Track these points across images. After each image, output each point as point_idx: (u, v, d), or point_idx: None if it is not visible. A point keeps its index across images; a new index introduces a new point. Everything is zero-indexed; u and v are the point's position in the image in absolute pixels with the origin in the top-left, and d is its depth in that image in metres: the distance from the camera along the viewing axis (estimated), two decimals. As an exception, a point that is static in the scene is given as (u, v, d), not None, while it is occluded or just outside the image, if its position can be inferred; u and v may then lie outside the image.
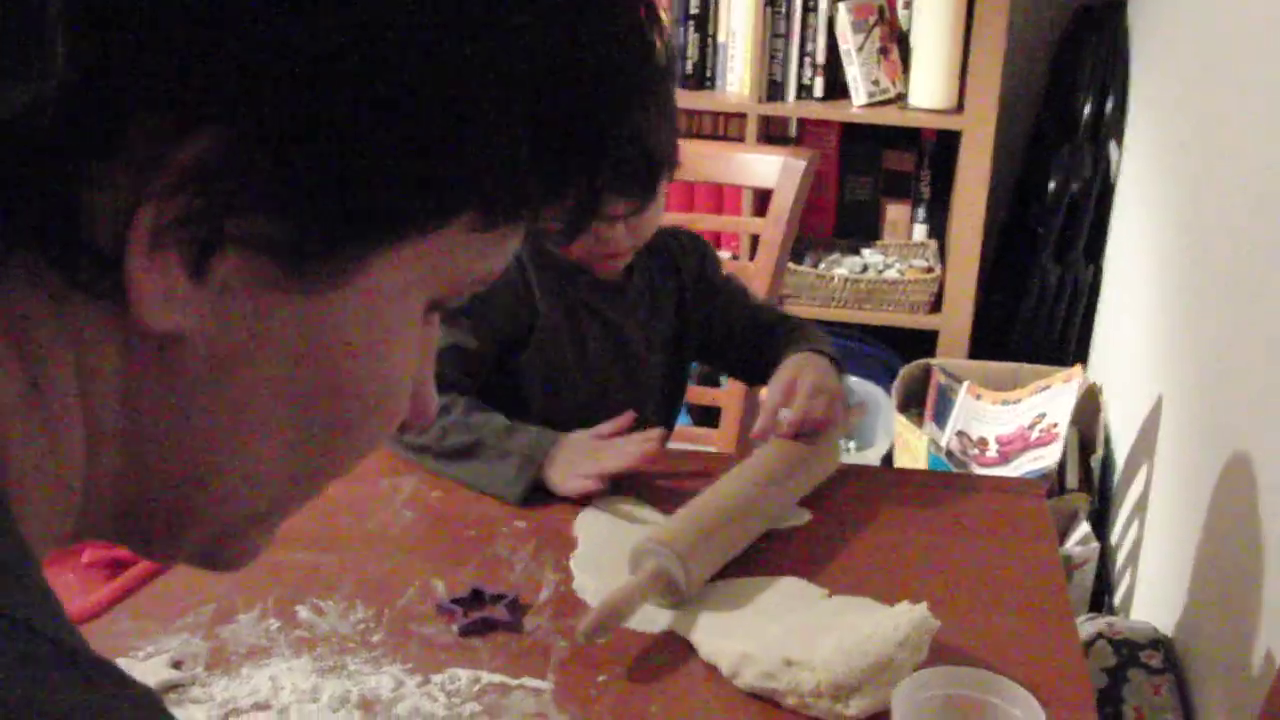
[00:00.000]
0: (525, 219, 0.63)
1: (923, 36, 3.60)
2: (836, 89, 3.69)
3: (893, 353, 3.79)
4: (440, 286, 0.63)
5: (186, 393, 0.58)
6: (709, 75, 3.75)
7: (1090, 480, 3.07)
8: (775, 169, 2.53)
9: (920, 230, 3.92)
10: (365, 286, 0.59)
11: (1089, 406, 3.17)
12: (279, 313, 0.57)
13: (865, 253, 3.86)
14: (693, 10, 3.69)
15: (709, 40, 3.72)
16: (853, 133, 3.85)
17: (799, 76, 3.68)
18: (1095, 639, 2.35)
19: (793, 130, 3.90)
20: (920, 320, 3.72)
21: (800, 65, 3.67)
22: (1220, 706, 2.13)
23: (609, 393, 2.04)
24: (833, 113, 3.72)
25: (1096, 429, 3.16)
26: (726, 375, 2.23)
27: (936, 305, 3.71)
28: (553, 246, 1.93)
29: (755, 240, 2.65)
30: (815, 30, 3.64)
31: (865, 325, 3.77)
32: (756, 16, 3.62)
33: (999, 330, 3.78)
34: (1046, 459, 2.97)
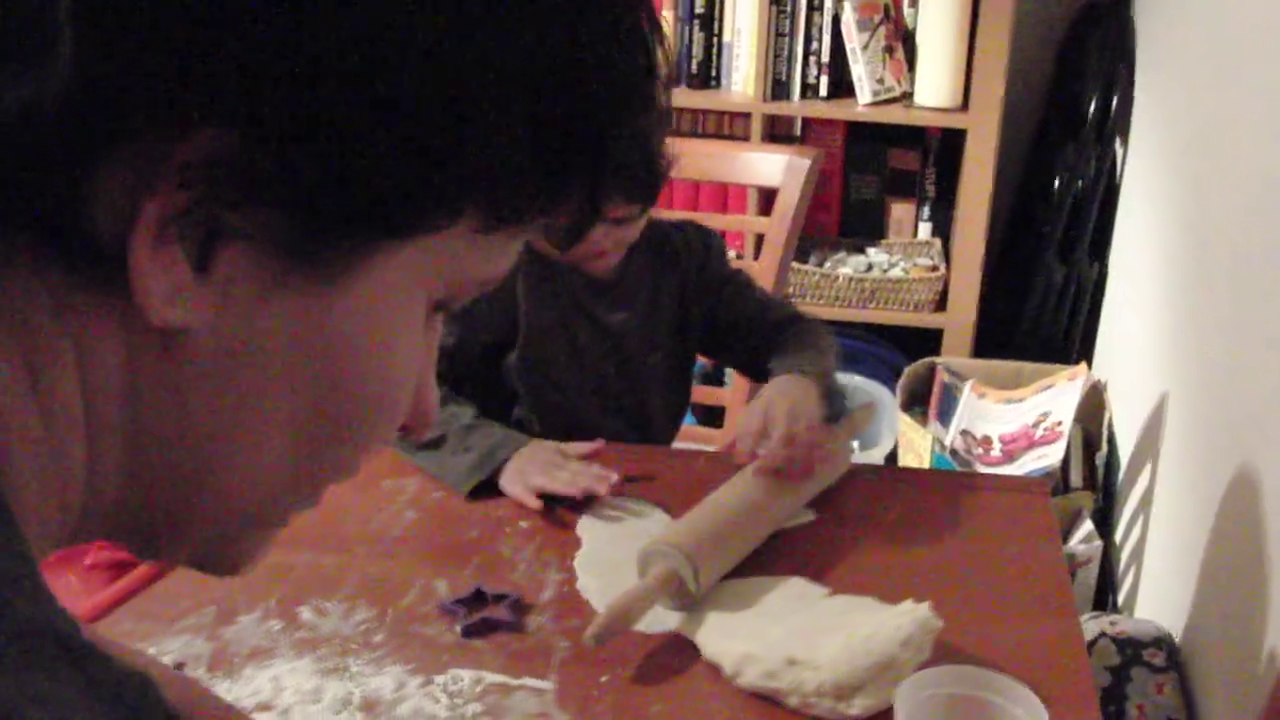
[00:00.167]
0: (527, 221, 0.63)
1: (928, 35, 3.60)
2: (841, 88, 3.68)
3: (897, 351, 3.79)
4: (443, 287, 0.63)
5: (189, 389, 0.58)
6: (714, 74, 3.74)
7: (1094, 479, 3.07)
8: (780, 168, 2.53)
9: (925, 229, 3.92)
10: (368, 285, 0.59)
11: (1093, 405, 3.17)
12: (282, 309, 0.57)
13: (870, 251, 3.86)
14: (698, 9, 3.69)
15: (714, 39, 3.72)
16: (858, 131, 3.85)
17: (804, 75, 3.67)
18: (1099, 638, 2.35)
19: (798, 129, 3.90)
20: (925, 319, 3.72)
21: (805, 64, 3.67)
22: (1224, 705, 2.13)
23: (606, 390, 2.04)
24: (838, 111, 3.72)
25: (1101, 427, 3.16)
26: (733, 369, 2.21)
27: (941, 304, 3.71)
28: (538, 246, 1.93)
29: (760, 239, 2.65)
30: (820, 29, 3.64)
31: (870, 324, 3.77)
32: (761, 15, 3.62)
33: (1003, 329, 3.77)
34: (1050, 457, 2.96)
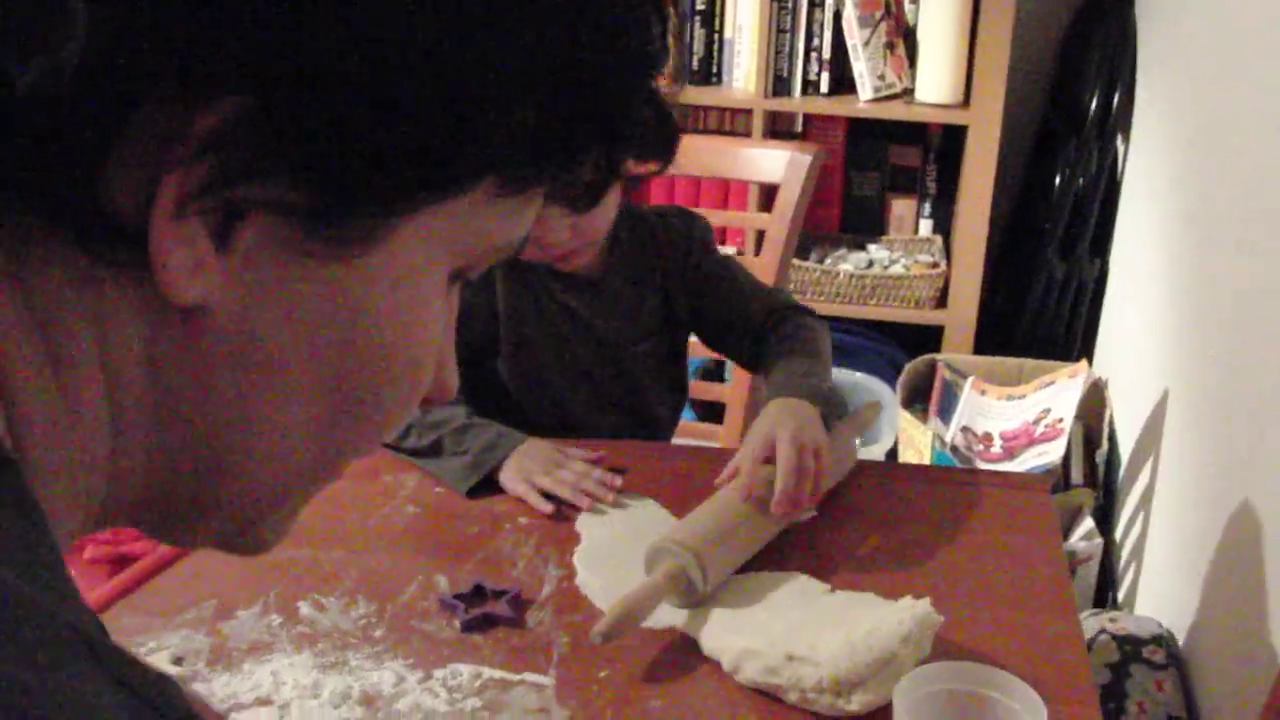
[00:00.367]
0: (545, 184, 0.63)
1: (929, 31, 3.59)
2: (843, 84, 3.68)
3: (898, 348, 3.79)
4: (463, 254, 0.62)
5: (212, 366, 0.57)
6: (715, 70, 3.74)
7: (1095, 476, 3.07)
8: (781, 164, 2.52)
9: (926, 225, 3.92)
10: (388, 254, 0.58)
11: (1094, 402, 3.17)
12: (303, 282, 0.57)
13: (871, 248, 3.86)
14: (699, 6, 3.69)
15: (715, 36, 3.72)
16: (859, 128, 3.85)
17: (805, 71, 3.67)
18: (1099, 634, 2.35)
19: (799, 125, 3.89)
20: (926, 315, 3.72)
21: (806, 60, 3.67)
22: (1224, 703, 2.13)
23: (595, 385, 2.03)
24: (839, 108, 3.72)
25: (1101, 424, 3.15)
26: (724, 357, 2.19)
27: (942, 301, 3.71)
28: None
29: (761, 236, 2.65)
30: (821, 25, 3.64)
31: (870, 321, 3.77)
32: (763, 11, 3.62)
33: (1004, 326, 3.77)
34: (1051, 454, 2.96)
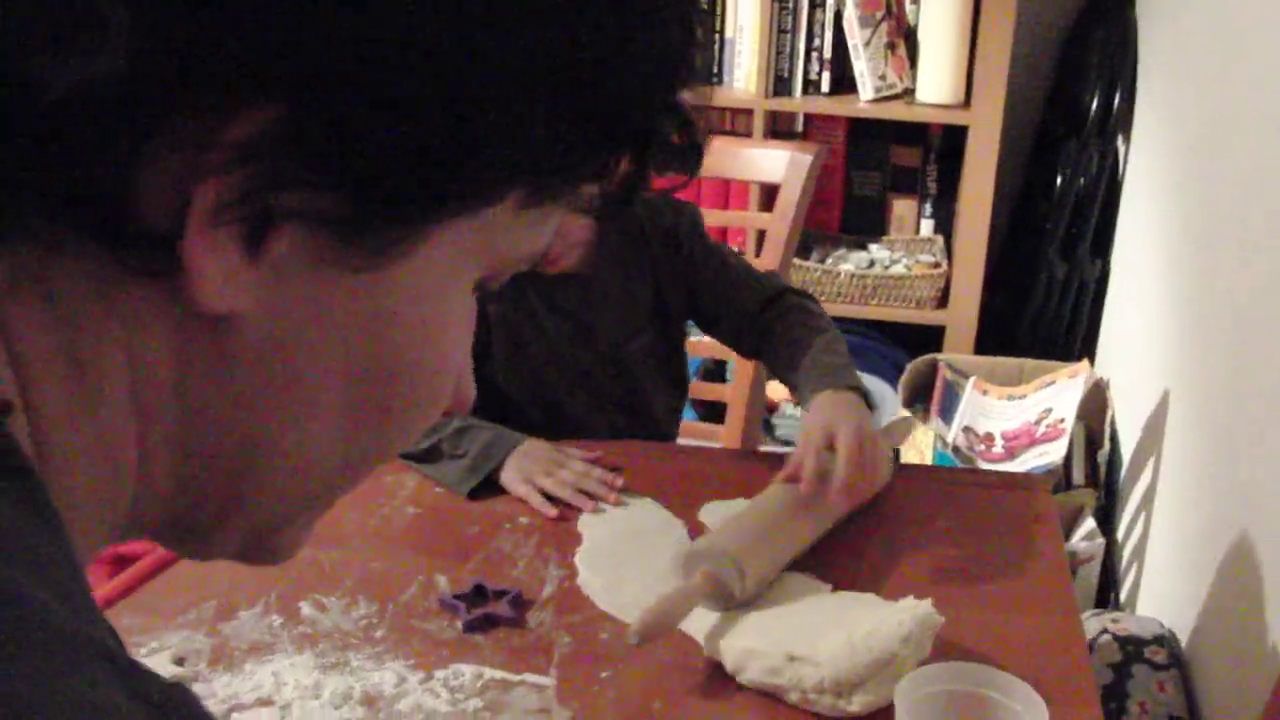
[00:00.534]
0: (571, 195, 0.63)
1: (930, 31, 3.59)
2: (843, 84, 3.68)
3: (899, 348, 3.78)
4: (488, 265, 0.62)
5: (240, 375, 0.57)
6: (716, 70, 3.74)
7: (1096, 476, 3.07)
8: (782, 164, 2.52)
9: (927, 225, 3.91)
10: (418, 266, 0.58)
11: (1095, 402, 3.17)
12: (334, 292, 0.57)
13: (872, 248, 3.86)
14: (700, 5, 3.68)
15: (716, 35, 3.72)
16: (860, 128, 3.85)
17: (806, 71, 3.67)
18: (1100, 635, 2.35)
19: (799, 125, 3.89)
20: (927, 316, 3.71)
21: (807, 60, 3.66)
22: (1226, 703, 2.13)
23: (593, 384, 2.02)
24: (840, 108, 3.71)
25: (1103, 425, 3.15)
26: (721, 344, 2.18)
27: (943, 301, 3.70)
28: None
29: (762, 235, 2.65)
30: (822, 25, 3.64)
31: (871, 321, 3.76)
32: (763, 11, 3.61)
33: (1005, 326, 3.77)
34: (1052, 454, 2.96)
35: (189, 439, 0.58)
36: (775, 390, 3.38)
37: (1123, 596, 2.85)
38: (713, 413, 2.91)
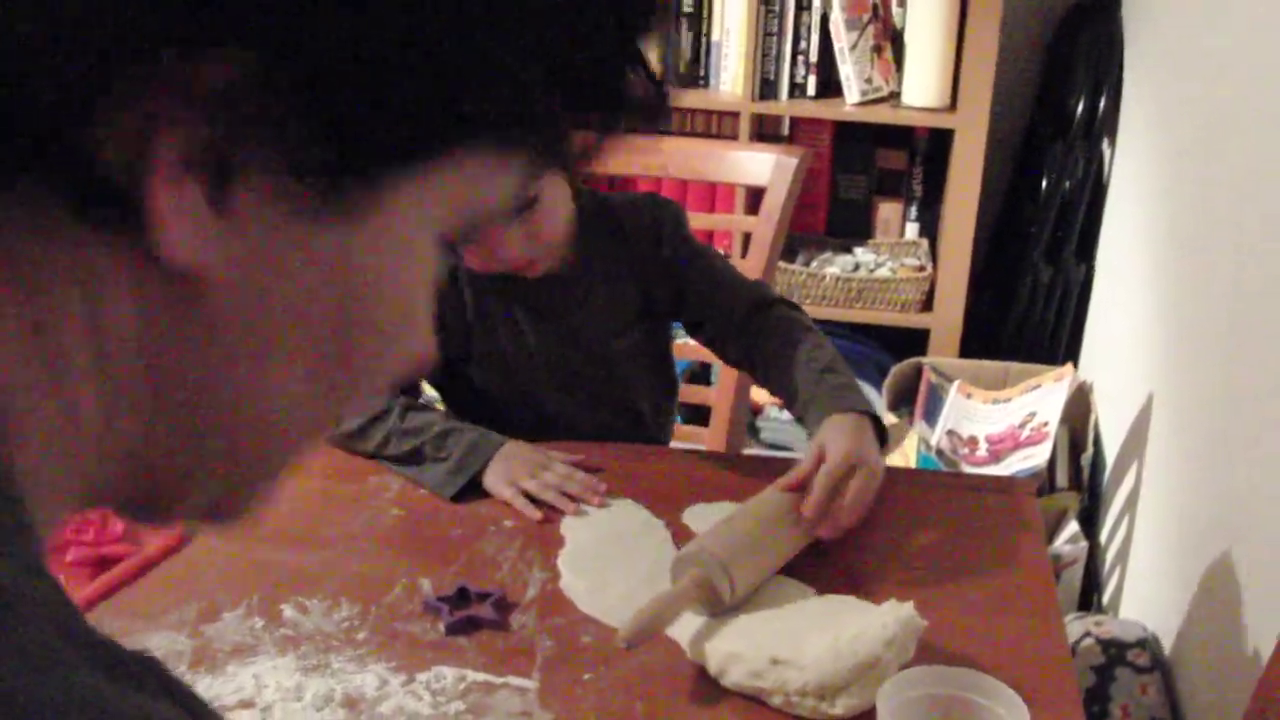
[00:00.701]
0: (538, 146, 0.62)
1: (916, 35, 3.60)
2: (830, 87, 3.68)
3: (884, 351, 3.79)
4: (454, 219, 0.62)
5: (206, 332, 0.56)
6: (702, 73, 3.74)
7: (1080, 479, 3.07)
8: (768, 167, 2.52)
9: (912, 229, 3.92)
10: (386, 217, 0.57)
11: (1079, 406, 3.17)
12: (301, 245, 0.56)
13: (857, 251, 3.86)
14: (686, 8, 3.69)
15: (702, 39, 3.72)
16: (845, 131, 3.85)
17: (792, 75, 3.67)
18: (1083, 638, 2.35)
19: (785, 129, 3.89)
20: (911, 319, 3.72)
21: (793, 63, 3.67)
22: (1208, 706, 2.13)
23: (578, 386, 2.02)
24: (825, 111, 3.72)
25: (1087, 428, 3.16)
26: (707, 349, 2.17)
27: (928, 304, 3.71)
28: (474, 265, 1.91)
29: (747, 238, 2.65)
30: (808, 28, 3.64)
31: (856, 324, 3.76)
32: (749, 14, 3.62)
33: (990, 329, 3.77)
34: (1036, 458, 2.97)
35: (154, 399, 0.57)
36: (760, 394, 3.38)
37: (1105, 600, 2.85)
38: (697, 415, 2.91)
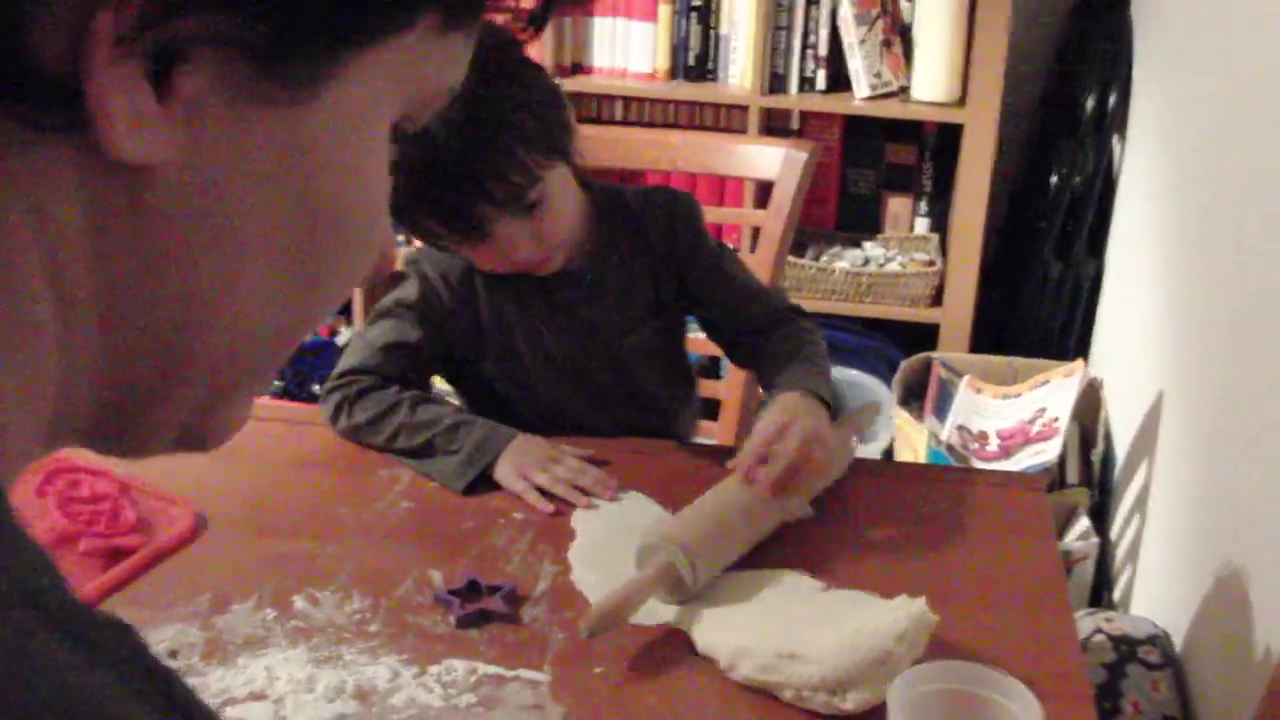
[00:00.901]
0: (484, 15, 0.61)
1: (926, 29, 3.59)
2: (839, 81, 3.68)
3: (894, 346, 3.78)
4: (407, 99, 0.60)
5: (161, 233, 0.54)
6: (711, 67, 3.74)
7: (1090, 475, 3.07)
8: (777, 161, 2.52)
9: (922, 224, 3.91)
10: (337, 96, 0.55)
11: (1090, 401, 3.17)
12: (253, 130, 0.54)
13: (866, 246, 3.85)
14: (695, 2, 3.68)
15: (711, 32, 3.71)
16: (855, 125, 3.85)
17: (801, 69, 3.67)
18: (1094, 634, 2.35)
19: (795, 123, 3.88)
20: (921, 314, 3.71)
21: (802, 57, 3.66)
22: (1219, 702, 2.13)
23: (592, 381, 2.01)
24: (835, 105, 3.71)
25: (1097, 424, 3.15)
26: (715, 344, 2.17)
27: (938, 299, 3.70)
28: (484, 263, 1.91)
29: (756, 232, 2.65)
30: (818, 22, 3.64)
31: (866, 318, 3.77)
32: (759, 8, 3.61)
33: (1000, 324, 3.77)
34: (1047, 453, 2.96)
35: (113, 314, 0.54)
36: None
37: (1116, 596, 2.85)
38: (707, 409, 2.90)
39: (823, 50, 3.65)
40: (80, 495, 1.70)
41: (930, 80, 3.58)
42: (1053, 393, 3.15)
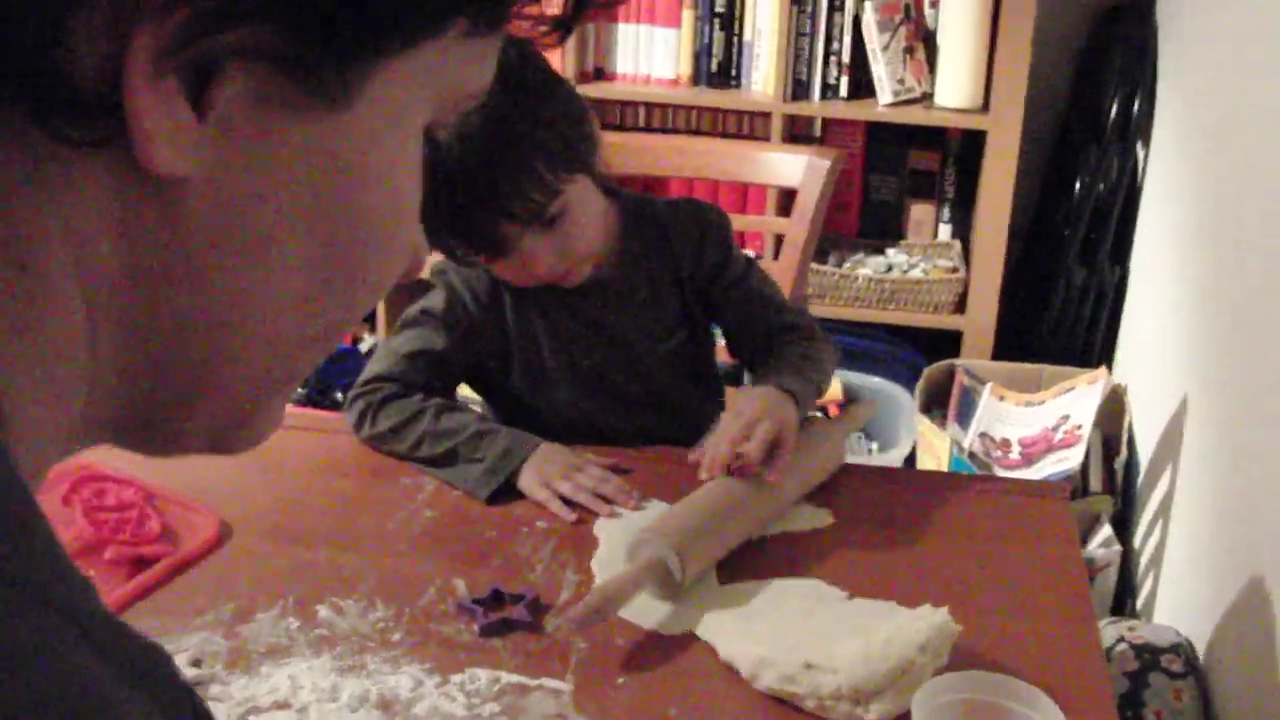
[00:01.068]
0: (510, 22, 0.61)
1: (949, 36, 3.59)
2: (862, 88, 3.68)
3: (916, 353, 3.78)
4: (436, 104, 0.60)
5: (194, 242, 0.54)
6: (734, 74, 3.74)
7: (1113, 483, 3.06)
8: (800, 168, 2.52)
9: (945, 230, 3.91)
10: (369, 105, 0.56)
11: (1113, 409, 3.16)
12: (285, 141, 0.54)
13: (889, 252, 3.85)
14: (718, 9, 3.69)
15: (734, 38, 3.72)
16: (878, 132, 3.84)
17: (824, 75, 3.67)
18: (1117, 643, 2.35)
19: (817, 129, 3.89)
20: (944, 321, 3.71)
21: (826, 64, 3.66)
22: (1242, 712, 2.13)
23: (615, 388, 2.02)
24: (858, 112, 3.71)
25: (1120, 431, 3.15)
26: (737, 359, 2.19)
27: (961, 306, 3.70)
28: (507, 277, 1.92)
29: (779, 240, 2.65)
30: (841, 29, 3.64)
31: (889, 325, 3.76)
32: (782, 15, 3.61)
33: (1023, 331, 3.76)
34: (1070, 461, 2.96)
35: (145, 321, 0.55)
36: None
37: (1139, 604, 2.84)
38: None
39: (846, 57, 3.65)
40: (106, 504, 1.71)
41: (953, 87, 3.58)
42: (1076, 400, 3.14)
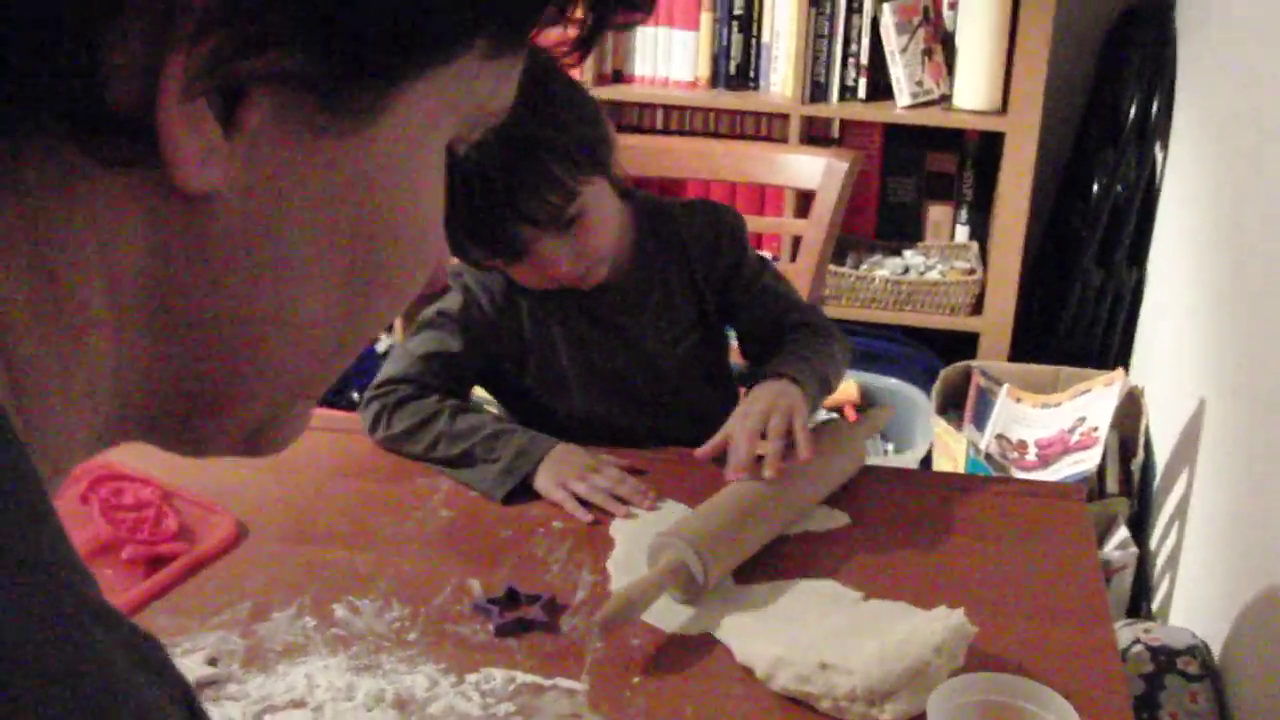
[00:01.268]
0: (534, 38, 0.62)
1: (967, 38, 3.59)
2: (880, 90, 3.68)
3: (933, 355, 3.78)
4: (458, 122, 0.61)
5: (222, 258, 0.55)
6: (752, 75, 3.74)
7: (1130, 485, 3.06)
8: (818, 170, 2.52)
9: (962, 232, 3.91)
10: (394, 124, 0.57)
11: (1130, 410, 3.15)
12: (312, 161, 0.55)
13: (907, 254, 3.85)
14: (736, 10, 3.69)
15: (752, 40, 3.72)
16: (896, 134, 3.84)
17: (842, 77, 3.67)
18: (1132, 645, 2.34)
19: (835, 131, 3.89)
20: (961, 322, 3.71)
21: (844, 66, 3.66)
22: (1258, 714, 2.12)
23: (631, 389, 2.02)
24: (876, 114, 3.71)
25: (1137, 433, 3.14)
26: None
27: (978, 307, 3.70)
28: (523, 279, 1.92)
29: (797, 241, 2.65)
30: (859, 31, 3.64)
31: (906, 327, 3.76)
32: (800, 17, 3.61)
33: (1040, 333, 3.76)
34: (1086, 463, 2.95)
35: (175, 335, 0.56)
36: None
37: (1155, 606, 2.84)
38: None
39: (864, 59, 3.65)
40: (123, 503, 1.72)
41: (971, 89, 3.58)
42: (1093, 402, 3.13)
